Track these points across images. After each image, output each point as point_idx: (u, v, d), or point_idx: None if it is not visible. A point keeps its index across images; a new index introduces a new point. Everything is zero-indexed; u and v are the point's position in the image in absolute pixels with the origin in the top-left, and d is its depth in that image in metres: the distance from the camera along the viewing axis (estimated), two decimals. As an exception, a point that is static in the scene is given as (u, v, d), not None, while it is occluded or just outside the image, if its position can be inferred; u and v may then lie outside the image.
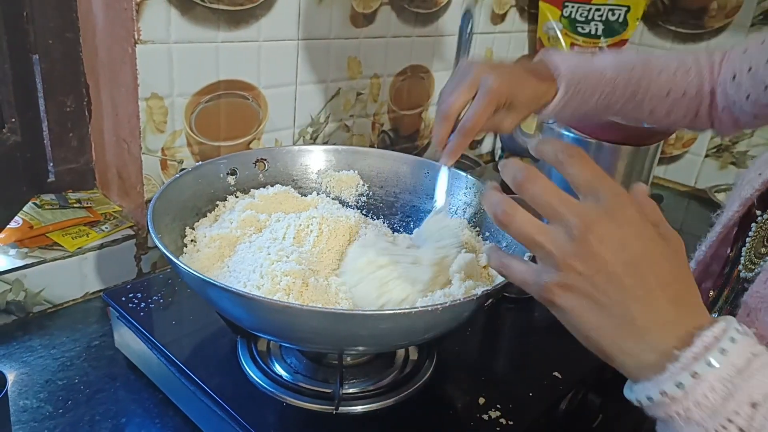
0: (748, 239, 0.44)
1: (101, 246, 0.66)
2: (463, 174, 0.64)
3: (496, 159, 1.22)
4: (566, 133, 0.87)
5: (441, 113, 0.54)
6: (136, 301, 0.59)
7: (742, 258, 0.45)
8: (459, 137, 0.53)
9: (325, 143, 0.86)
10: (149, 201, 0.51)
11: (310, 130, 0.84)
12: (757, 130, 1.06)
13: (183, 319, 0.59)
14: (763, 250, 0.42)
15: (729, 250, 0.47)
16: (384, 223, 0.67)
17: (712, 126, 0.64)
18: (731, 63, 0.60)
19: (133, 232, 0.69)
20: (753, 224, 0.44)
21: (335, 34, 0.81)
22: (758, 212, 0.44)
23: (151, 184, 0.69)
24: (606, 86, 0.59)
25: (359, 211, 0.66)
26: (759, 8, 1.02)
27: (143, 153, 0.67)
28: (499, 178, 0.63)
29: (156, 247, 0.50)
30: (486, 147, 1.23)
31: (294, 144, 0.83)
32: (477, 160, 1.11)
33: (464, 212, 0.63)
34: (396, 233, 0.65)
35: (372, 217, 0.67)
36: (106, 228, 0.69)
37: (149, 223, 0.48)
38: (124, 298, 0.59)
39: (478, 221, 0.62)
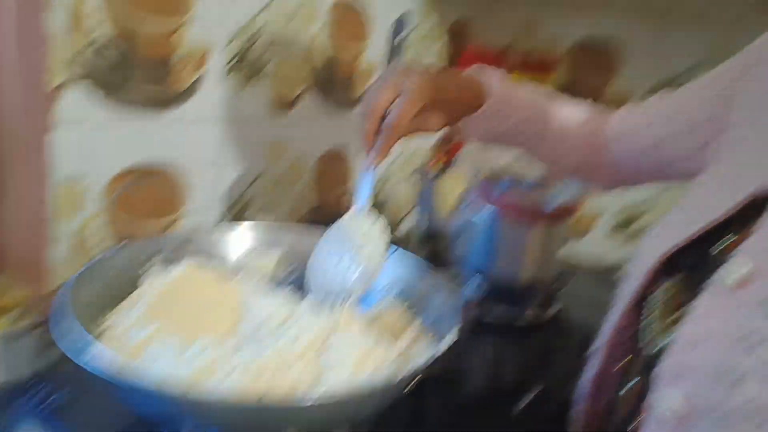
0: (653, 310, 0.46)
1: (3, 336, 0.62)
2: (395, 247, 0.65)
3: (417, 238, 1.25)
4: (482, 212, 0.91)
5: (365, 113, 0.54)
6: (40, 396, 0.55)
7: (649, 329, 0.46)
8: (385, 136, 0.53)
9: (250, 221, 0.86)
10: (59, 288, 0.49)
11: (233, 210, 0.84)
12: (656, 205, 1.15)
13: (92, 419, 0.55)
14: (670, 318, 0.44)
15: (637, 323, 0.49)
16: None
17: (601, 178, 0.69)
18: (621, 120, 0.66)
19: (38, 322, 0.65)
20: (657, 292, 0.46)
21: (258, 118, 0.83)
22: (659, 282, 0.46)
23: (62, 270, 0.65)
24: (523, 111, 0.62)
25: (290, 287, 0.65)
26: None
27: (53, 238, 0.64)
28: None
29: (63, 338, 0.47)
30: (407, 225, 1.27)
31: (217, 224, 0.82)
32: (398, 240, 1.14)
33: (392, 288, 0.64)
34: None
35: (302, 295, 0.66)
36: (11, 317, 0.64)
37: (55, 314, 0.45)
38: (27, 394, 0.55)
39: (408, 295, 0.62)
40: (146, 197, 0.72)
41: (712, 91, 0.56)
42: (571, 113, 0.67)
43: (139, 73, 0.66)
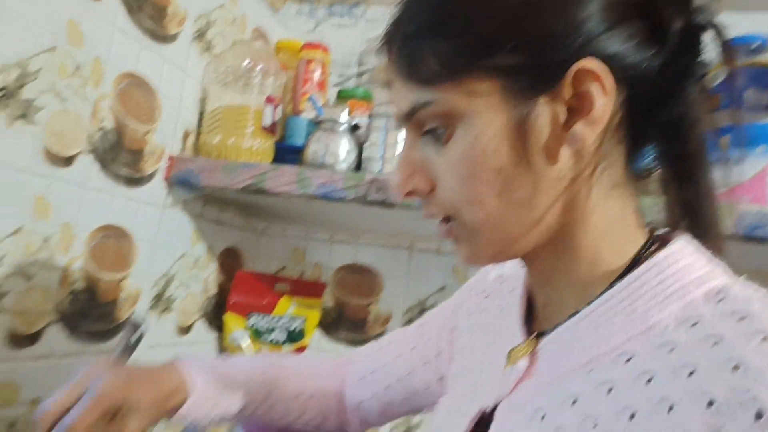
0: None
1: None
2: None
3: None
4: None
5: (38, 420, 0.49)
6: None
7: None
8: None
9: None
10: None
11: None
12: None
13: None
14: None
15: None
16: None
17: (343, 427, 0.71)
18: (358, 365, 0.70)
19: None
20: None
21: (-15, 360, 0.71)
22: None
23: None
24: (239, 387, 0.62)
25: None
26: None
27: None
28: None
29: None
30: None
31: None
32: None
33: None
34: None
35: None
36: None
37: None
38: None
39: None
40: None
41: (438, 326, 0.64)
42: (300, 371, 0.69)
43: None
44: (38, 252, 0.77)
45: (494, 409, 0.44)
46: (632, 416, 0.34)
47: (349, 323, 1.28)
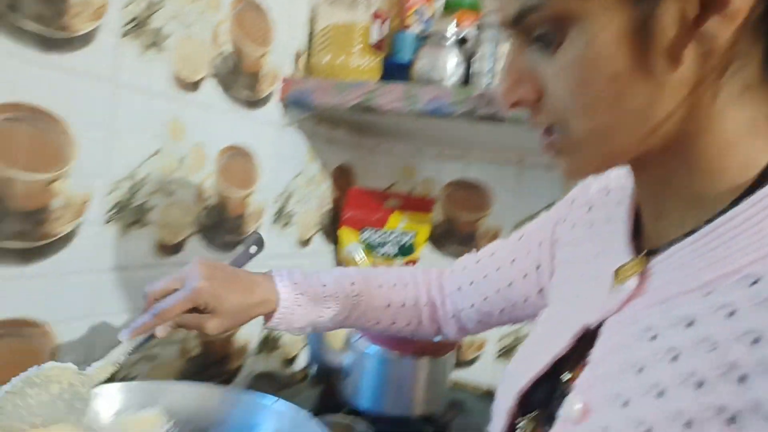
0: None
1: None
2: (273, 398, 0.64)
3: (309, 377, 1.23)
4: (371, 348, 0.92)
5: (145, 293, 0.60)
6: None
7: None
8: (147, 317, 0.58)
9: (122, 380, 0.80)
10: None
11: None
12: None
13: None
14: None
15: None
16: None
17: (439, 332, 0.74)
18: (454, 276, 0.72)
19: None
20: (518, 431, 0.48)
21: (138, 266, 0.81)
22: (518, 420, 0.48)
23: None
24: (328, 298, 0.66)
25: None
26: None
27: None
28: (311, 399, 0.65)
29: None
30: (299, 364, 1.24)
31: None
32: (290, 380, 1.11)
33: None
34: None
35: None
36: None
37: None
38: None
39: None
40: (8, 357, 0.66)
41: (538, 239, 0.63)
42: (387, 282, 0.72)
43: (9, 226, 0.64)
44: (176, 171, 0.85)
45: (599, 325, 0.43)
46: (756, 341, 0.32)
47: (458, 238, 1.30)
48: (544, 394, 0.46)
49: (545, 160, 1.20)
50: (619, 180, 0.53)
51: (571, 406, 0.40)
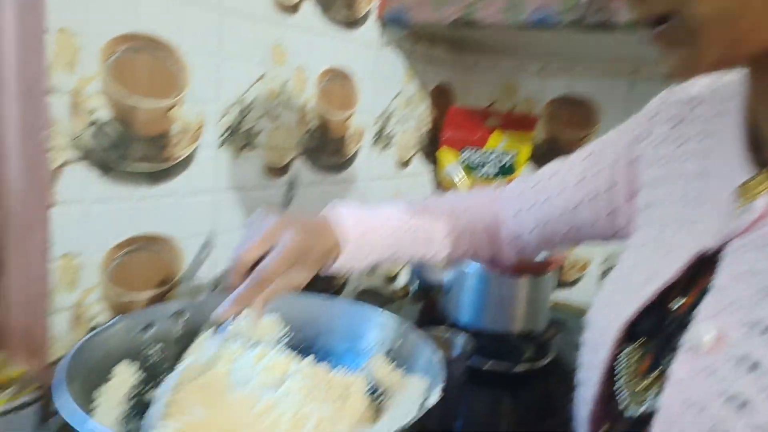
0: (621, 377, 0.46)
1: (2, 412, 0.62)
2: (379, 310, 0.67)
3: (411, 293, 1.27)
4: (471, 266, 0.93)
5: (234, 264, 0.54)
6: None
7: (621, 395, 0.45)
8: (249, 287, 0.53)
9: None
10: (57, 362, 0.50)
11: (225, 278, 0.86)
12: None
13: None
14: (642, 385, 0.43)
15: (611, 389, 0.47)
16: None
17: (497, 256, 0.71)
18: (511, 201, 0.69)
19: (37, 396, 0.66)
20: (621, 358, 0.46)
21: (250, 187, 0.86)
22: (622, 347, 0.46)
23: (61, 344, 0.67)
24: (389, 235, 0.63)
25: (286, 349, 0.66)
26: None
27: (52, 312, 0.66)
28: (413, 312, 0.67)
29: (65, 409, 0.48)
30: (401, 281, 1.29)
31: (210, 293, 0.84)
32: (392, 296, 1.16)
33: (380, 348, 0.65)
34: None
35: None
36: (9, 393, 0.65)
37: (56, 384, 0.47)
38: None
39: (394, 354, 0.64)
40: (141, 269, 0.74)
41: (611, 158, 0.58)
42: (452, 210, 0.68)
43: (136, 150, 0.70)
44: (280, 95, 0.88)
45: (717, 250, 0.40)
46: None
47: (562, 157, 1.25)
48: (652, 323, 0.44)
49: (663, 69, 1.11)
50: (707, 88, 0.48)
51: (700, 334, 0.37)
